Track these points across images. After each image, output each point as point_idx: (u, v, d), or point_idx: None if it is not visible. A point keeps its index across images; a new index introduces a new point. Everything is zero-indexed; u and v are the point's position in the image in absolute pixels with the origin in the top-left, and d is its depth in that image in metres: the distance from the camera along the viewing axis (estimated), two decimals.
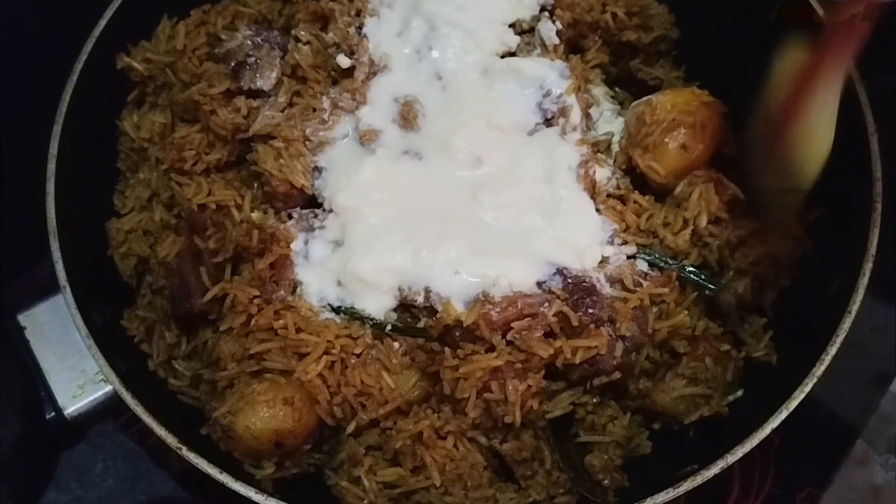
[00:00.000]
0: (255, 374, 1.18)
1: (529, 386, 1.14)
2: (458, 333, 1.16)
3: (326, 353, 1.18)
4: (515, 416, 1.13)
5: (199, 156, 1.34)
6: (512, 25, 1.38)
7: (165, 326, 1.30)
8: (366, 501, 1.17)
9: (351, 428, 1.19)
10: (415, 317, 1.23)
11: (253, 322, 1.19)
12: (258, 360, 1.18)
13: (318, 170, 1.30)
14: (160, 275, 1.28)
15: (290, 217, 1.29)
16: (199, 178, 1.33)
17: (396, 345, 1.22)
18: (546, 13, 1.40)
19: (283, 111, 1.32)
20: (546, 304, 1.17)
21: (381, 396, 1.19)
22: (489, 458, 1.19)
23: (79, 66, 1.32)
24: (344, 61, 1.33)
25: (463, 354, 1.15)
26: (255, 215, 1.29)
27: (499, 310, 1.16)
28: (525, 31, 1.40)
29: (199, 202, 1.29)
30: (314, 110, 1.32)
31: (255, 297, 1.21)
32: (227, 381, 1.19)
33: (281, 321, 1.19)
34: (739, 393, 1.24)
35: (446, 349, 1.16)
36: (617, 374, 1.18)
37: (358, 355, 1.20)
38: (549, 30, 1.38)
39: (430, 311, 1.21)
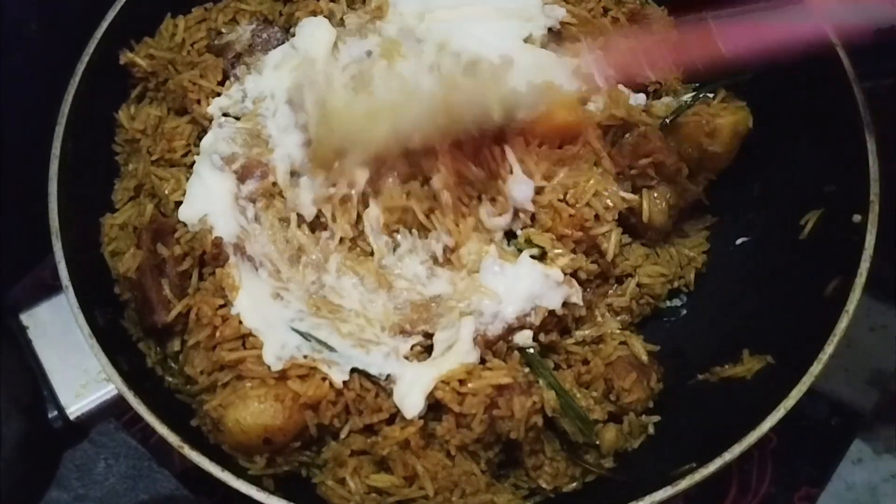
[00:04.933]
0: (239, 379, 1.17)
1: (535, 402, 1.15)
2: None
3: None
4: (520, 433, 1.14)
5: (190, 147, 1.34)
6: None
7: None
8: (352, 503, 1.16)
9: (345, 432, 1.18)
10: None
11: (218, 333, 1.18)
12: (232, 369, 1.17)
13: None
14: (125, 287, 1.27)
15: None
16: (178, 173, 1.32)
17: None
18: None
19: None
20: (532, 313, 1.19)
21: (375, 403, 1.18)
22: (489, 460, 1.19)
23: (81, 67, 1.32)
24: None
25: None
26: None
27: (492, 328, 1.18)
28: None
29: (176, 199, 1.29)
30: None
31: (221, 306, 1.20)
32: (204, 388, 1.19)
33: None
34: None
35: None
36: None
37: None
38: None
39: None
